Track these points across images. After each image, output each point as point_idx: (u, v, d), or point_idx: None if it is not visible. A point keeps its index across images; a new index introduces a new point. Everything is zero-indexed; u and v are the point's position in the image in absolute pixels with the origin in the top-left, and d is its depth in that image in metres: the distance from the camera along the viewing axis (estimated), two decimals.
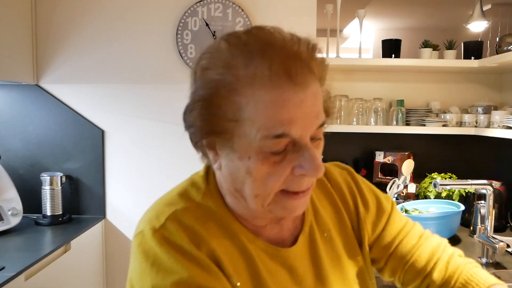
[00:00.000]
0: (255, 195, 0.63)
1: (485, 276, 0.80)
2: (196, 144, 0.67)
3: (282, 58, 0.57)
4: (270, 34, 0.60)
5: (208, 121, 0.61)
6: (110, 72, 2.23)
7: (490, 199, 1.54)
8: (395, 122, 2.27)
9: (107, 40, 2.22)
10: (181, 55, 2.20)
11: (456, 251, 0.85)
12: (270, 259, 0.69)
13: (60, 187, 2.14)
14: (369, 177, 2.31)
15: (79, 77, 2.22)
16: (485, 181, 1.50)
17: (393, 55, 2.23)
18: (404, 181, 2.17)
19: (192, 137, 0.66)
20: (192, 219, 0.66)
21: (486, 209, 1.55)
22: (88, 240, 2.12)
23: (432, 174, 2.22)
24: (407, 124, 2.30)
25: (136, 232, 0.67)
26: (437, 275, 0.81)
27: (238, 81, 0.58)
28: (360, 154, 2.39)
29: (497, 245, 1.44)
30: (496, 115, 2.02)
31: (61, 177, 2.15)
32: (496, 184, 1.95)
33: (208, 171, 0.73)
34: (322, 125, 0.62)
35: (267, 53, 0.57)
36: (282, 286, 0.69)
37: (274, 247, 0.70)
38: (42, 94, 2.20)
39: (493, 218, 1.60)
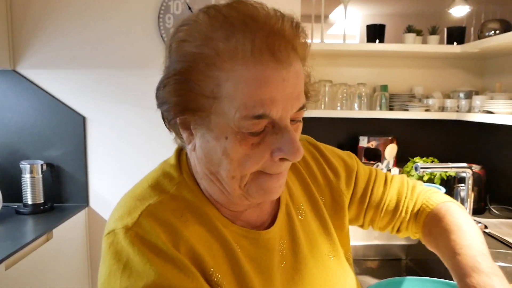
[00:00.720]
0: (231, 176, 0.60)
1: (439, 197, 0.87)
2: (169, 123, 0.63)
3: (265, 33, 0.54)
4: (252, 8, 0.56)
5: (184, 97, 0.58)
6: (91, 57, 2.19)
7: (469, 182, 1.57)
8: (378, 107, 2.28)
9: (87, 23, 2.16)
10: (163, 40, 2.16)
11: (417, 183, 0.91)
12: (252, 244, 0.68)
13: (41, 175, 2.11)
14: None
15: (58, 62, 2.17)
16: (464, 164, 1.52)
17: (377, 40, 2.22)
18: (387, 166, 2.19)
19: (165, 115, 0.62)
20: (168, 213, 0.62)
21: (466, 192, 1.58)
22: (71, 229, 2.09)
23: (415, 158, 2.24)
24: (391, 109, 2.31)
25: (106, 231, 0.62)
26: (405, 211, 0.87)
27: (217, 55, 0.55)
28: (344, 139, 2.40)
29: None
30: (477, 100, 2.04)
31: (41, 165, 2.11)
32: (476, 167, 1.98)
33: (180, 159, 0.70)
34: (302, 107, 0.60)
35: (249, 27, 0.54)
36: (268, 269, 0.68)
37: (254, 231, 0.69)
38: (19, 80, 2.15)
39: (472, 200, 1.63)
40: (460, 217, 0.79)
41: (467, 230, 0.75)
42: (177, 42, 0.59)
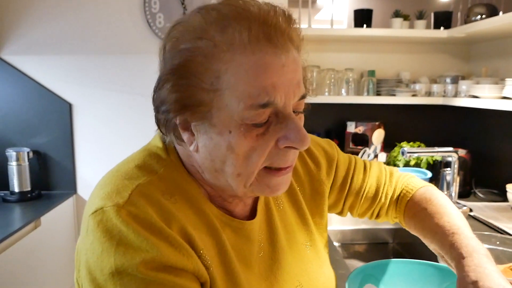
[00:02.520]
0: (237, 174, 0.59)
1: (417, 181, 0.90)
2: (167, 124, 0.60)
3: (260, 22, 0.55)
4: (244, 2, 0.57)
5: (183, 93, 0.56)
6: (76, 43, 2.15)
7: (455, 167, 1.59)
8: (366, 93, 2.29)
9: (72, 9, 2.12)
10: (149, 25, 2.13)
11: (394, 169, 0.93)
12: (234, 232, 0.68)
13: (28, 163, 2.09)
14: (341, 147, 2.32)
15: (43, 48, 2.13)
16: (450, 149, 1.54)
17: (364, 25, 2.22)
18: (374, 151, 2.22)
19: (163, 117, 0.59)
20: (158, 193, 0.60)
21: (451, 176, 1.60)
22: (59, 216, 2.08)
23: (402, 143, 2.26)
24: (378, 95, 2.32)
25: (91, 209, 0.58)
26: (385, 197, 0.89)
27: (215, 46, 0.54)
28: (332, 124, 2.41)
29: (460, 210, 1.50)
30: (463, 85, 2.06)
31: (28, 152, 2.09)
32: (462, 152, 2.01)
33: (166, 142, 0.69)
34: (303, 97, 0.60)
35: (244, 17, 0.54)
36: (246, 259, 0.68)
37: (238, 221, 0.69)
38: (3, 67, 2.11)
39: (458, 184, 1.65)
40: (445, 202, 0.81)
41: (455, 213, 0.78)
42: (171, 41, 0.58)
